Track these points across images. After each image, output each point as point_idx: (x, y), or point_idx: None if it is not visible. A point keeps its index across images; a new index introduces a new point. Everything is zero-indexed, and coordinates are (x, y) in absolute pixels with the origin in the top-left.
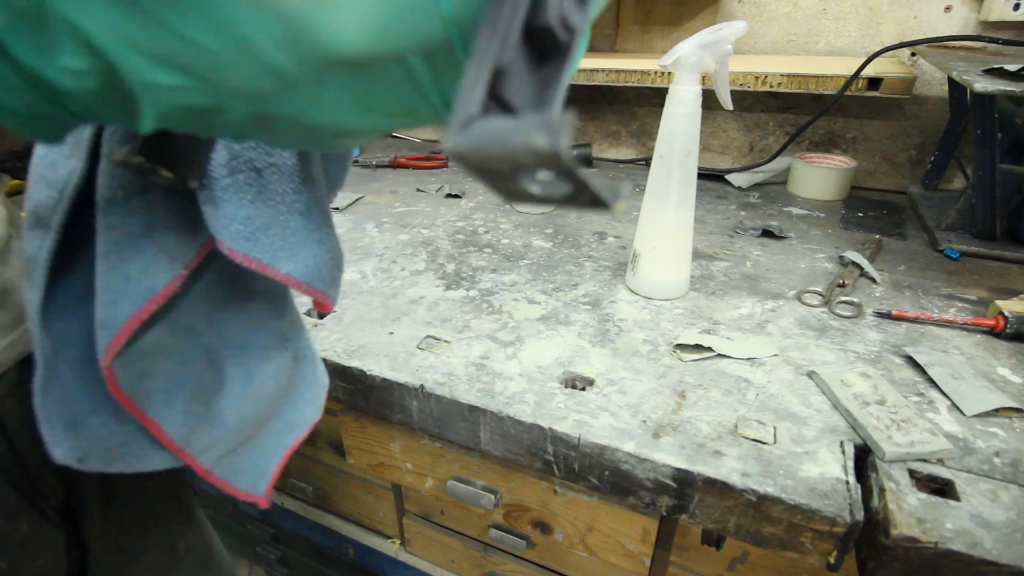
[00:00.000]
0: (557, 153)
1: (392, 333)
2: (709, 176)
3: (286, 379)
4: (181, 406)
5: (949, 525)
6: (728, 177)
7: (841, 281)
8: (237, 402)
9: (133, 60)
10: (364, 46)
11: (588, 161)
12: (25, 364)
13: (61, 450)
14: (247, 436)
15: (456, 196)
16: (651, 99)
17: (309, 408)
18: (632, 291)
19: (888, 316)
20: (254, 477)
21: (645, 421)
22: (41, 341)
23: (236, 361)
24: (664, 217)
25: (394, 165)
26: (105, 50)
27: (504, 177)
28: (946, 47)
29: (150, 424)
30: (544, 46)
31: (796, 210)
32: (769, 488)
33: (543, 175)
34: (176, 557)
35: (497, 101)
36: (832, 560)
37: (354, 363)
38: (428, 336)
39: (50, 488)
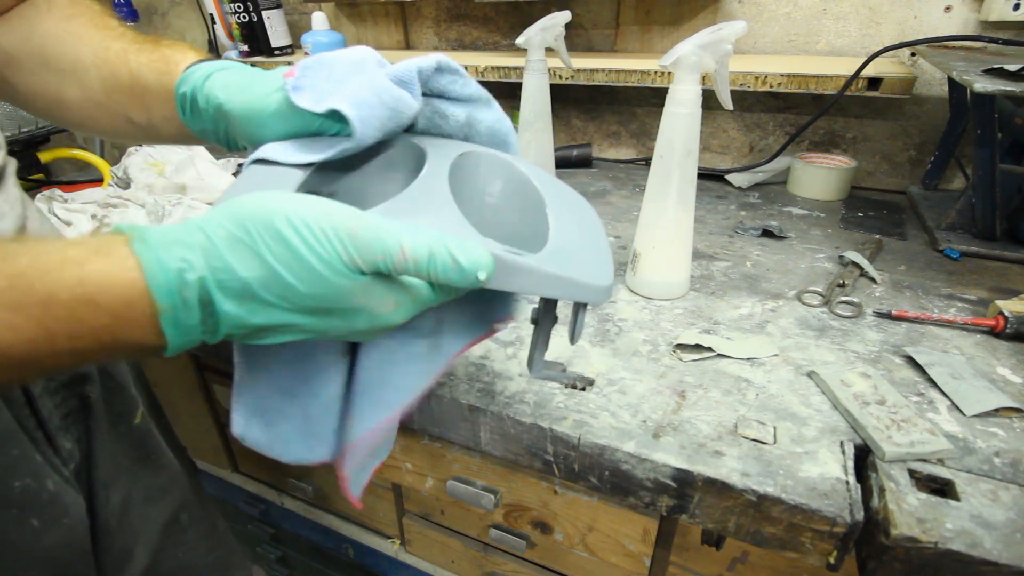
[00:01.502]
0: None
1: None
2: (709, 176)
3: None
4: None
5: (949, 525)
6: (728, 177)
7: (841, 281)
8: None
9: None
10: (402, 321)
11: (588, 161)
12: None
13: (233, 429)
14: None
15: None
16: (651, 99)
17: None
18: (632, 291)
19: (888, 316)
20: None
21: (645, 421)
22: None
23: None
24: (664, 217)
25: None
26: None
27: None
28: (946, 47)
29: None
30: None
31: (796, 210)
32: (769, 488)
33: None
34: (180, 528)
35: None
36: (832, 560)
37: None
38: None
39: (67, 452)
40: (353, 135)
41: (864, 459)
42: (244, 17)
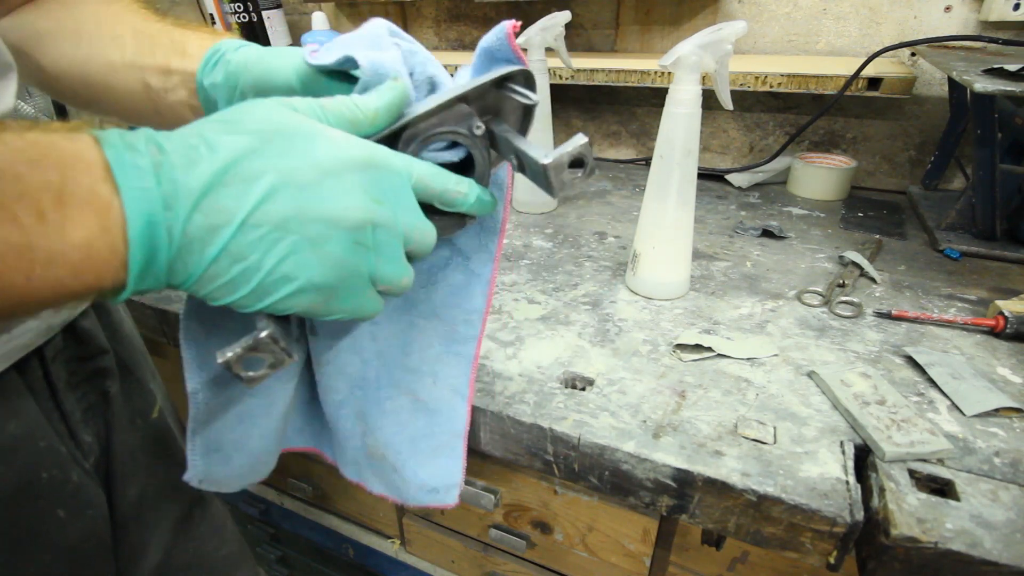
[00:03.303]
0: (588, 145)
1: None
2: (709, 176)
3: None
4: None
5: (949, 525)
6: (728, 177)
7: (841, 281)
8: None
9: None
10: (366, 157)
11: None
12: (70, 329)
13: (190, 474)
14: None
15: None
16: (651, 99)
17: None
18: (632, 291)
19: (888, 316)
20: None
21: (645, 421)
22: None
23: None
24: (664, 217)
25: None
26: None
27: (562, 169)
28: (946, 47)
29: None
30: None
31: (796, 210)
32: (769, 488)
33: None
34: (192, 523)
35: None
36: (832, 560)
37: None
38: None
39: (88, 446)
40: (362, 75)
41: (864, 459)
42: (244, 17)
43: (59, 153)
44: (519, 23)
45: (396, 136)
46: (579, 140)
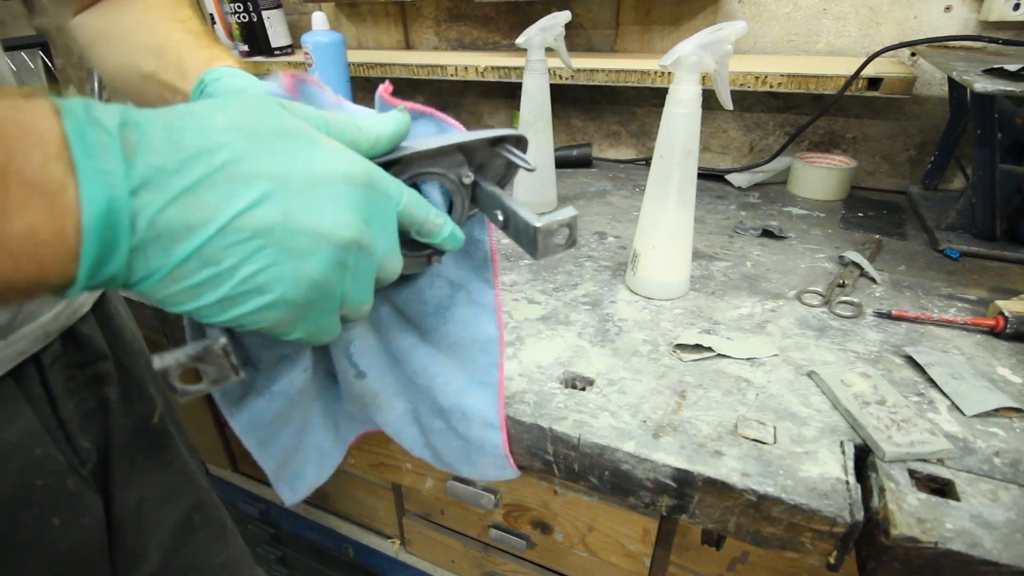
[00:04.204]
0: (576, 218)
1: None
2: (709, 176)
3: None
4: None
5: (949, 525)
6: (728, 177)
7: (841, 281)
8: None
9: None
10: (363, 174)
11: (588, 161)
12: (69, 335)
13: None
14: None
15: None
16: (651, 99)
17: None
18: (632, 291)
19: (888, 316)
20: None
21: (645, 421)
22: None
23: None
24: (664, 217)
25: None
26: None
27: (551, 235)
28: (946, 47)
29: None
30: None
31: (796, 210)
32: (769, 488)
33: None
34: (191, 528)
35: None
36: (832, 560)
37: None
38: None
39: (86, 453)
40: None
41: (864, 459)
42: (244, 17)
43: (4, 124)
44: (390, 86)
45: (388, 165)
46: (569, 212)
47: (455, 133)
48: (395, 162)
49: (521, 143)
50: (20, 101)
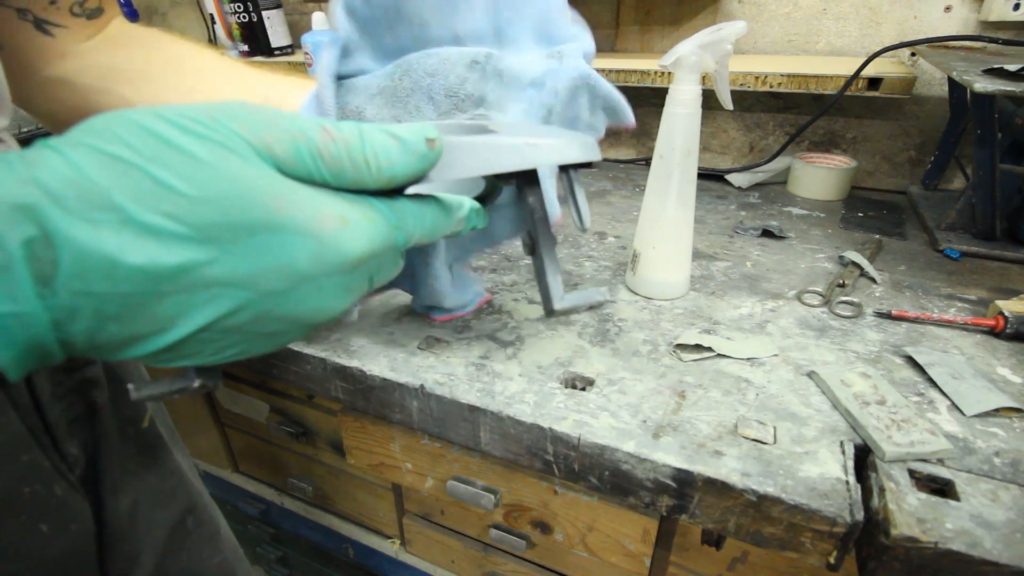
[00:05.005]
0: (603, 303)
1: (392, 333)
2: (709, 176)
3: None
4: None
5: (949, 525)
6: (728, 177)
7: (841, 281)
8: None
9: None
10: (361, 256)
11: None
12: None
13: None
14: None
15: None
16: (651, 99)
17: None
18: (632, 291)
19: (888, 316)
20: None
21: (645, 421)
22: None
23: None
24: (664, 217)
25: None
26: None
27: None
28: (946, 47)
29: None
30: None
31: (796, 210)
32: (769, 488)
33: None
34: (185, 532)
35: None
36: (832, 560)
37: (354, 363)
38: (428, 336)
39: (74, 458)
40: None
41: (864, 459)
42: (244, 17)
43: None
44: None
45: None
46: (599, 297)
47: (513, 146)
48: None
49: (589, 165)
50: None
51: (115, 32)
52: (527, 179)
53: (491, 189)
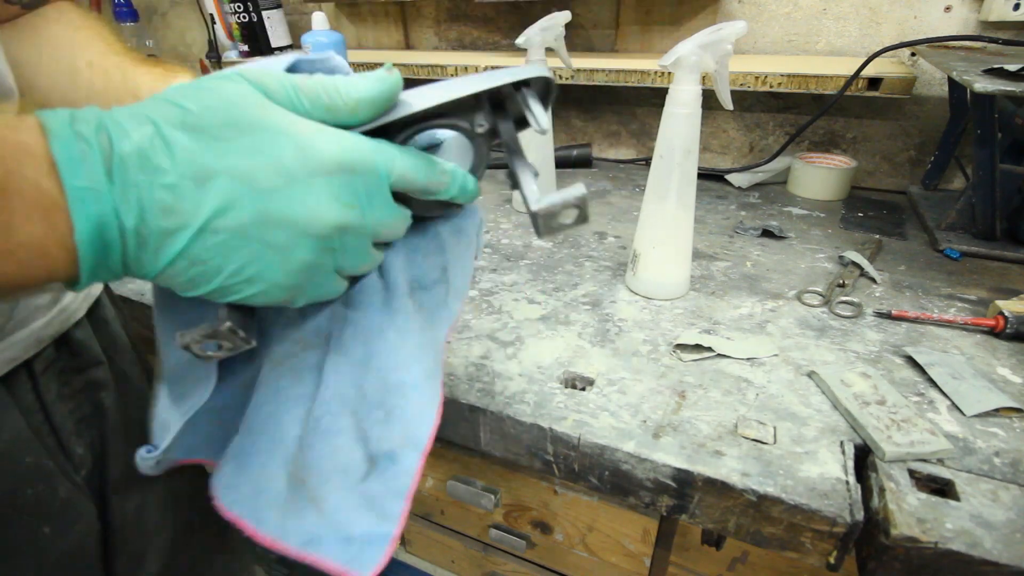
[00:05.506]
0: (585, 197)
1: None
2: (709, 176)
3: None
4: None
5: (949, 525)
6: (728, 177)
7: (841, 281)
8: None
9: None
10: (338, 160)
11: (588, 161)
12: (62, 341)
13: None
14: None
15: None
16: (651, 99)
17: None
18: (632, 291)
19: (888, 316)
20: None
21: (645, 421)
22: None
23: None
24: (664, 217)
25: None
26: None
27: (553, 217)
28: (946, 47)
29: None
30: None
31: (796, 210)
32: (769, 488)
33: (571, 214)
34: (191, 532)
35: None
36: (832, 560)
37: None
38: None
39: (80, 459)
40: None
41: (864, 459)
42: (244, 17)
43: (2, 144)
44: None
45: (386, 128)
46: (577, 191)
47: (466, 79)
48: (392, 125)
49: (548, 88)
50: (12, 119)
51: (28, 19)
52: (494, 107)
53: (479, 161)
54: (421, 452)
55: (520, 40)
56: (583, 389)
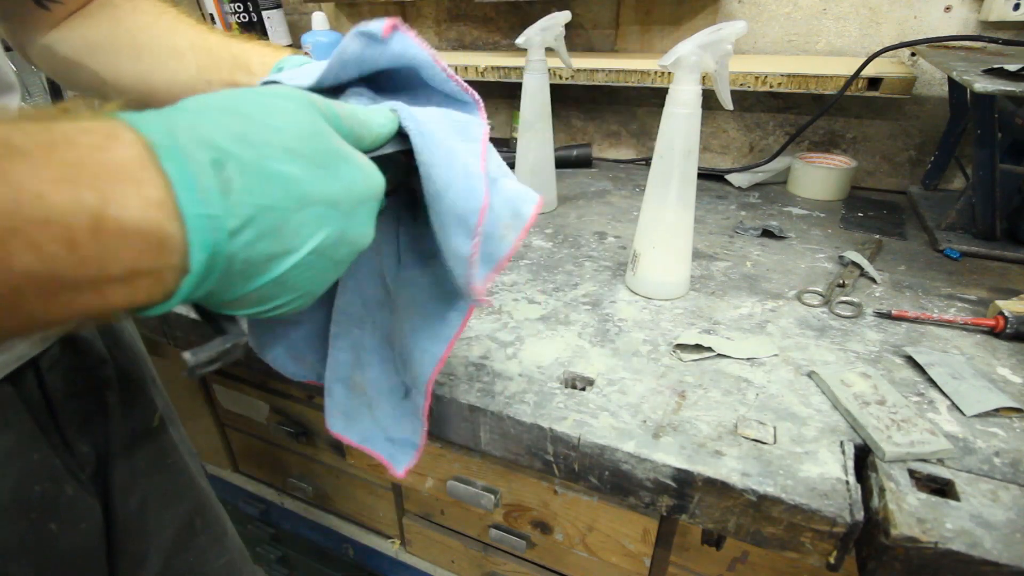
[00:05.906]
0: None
1: None
2: (709, 176)
3: None
4: None
5: (949, 525)
6: (728, 177)
7: (841, 281)
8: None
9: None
10: (381, 185)
11: (588, 161)
12: (68, 340)
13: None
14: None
15: None
16: (651, 99)
17: None
18: (632, 291)
19: (888, 316)
20: None
21: (645, 421)
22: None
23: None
24: (664, 217)
25: None
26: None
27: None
28: (946, 47)
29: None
30: None
31: (796, 210)
32: (769, 488)
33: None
34: (193, 532)
35: None
36: (832, 560)
37: None
38: None
39: (84, 457)
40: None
41: (864, 459)
42: (244, 17)
43: (95, 164)
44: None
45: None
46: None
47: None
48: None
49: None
50: (94, 126)
51: (96, 3)
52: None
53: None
54: (424, 391)
55: (520, 40)
56: (583, 389)
